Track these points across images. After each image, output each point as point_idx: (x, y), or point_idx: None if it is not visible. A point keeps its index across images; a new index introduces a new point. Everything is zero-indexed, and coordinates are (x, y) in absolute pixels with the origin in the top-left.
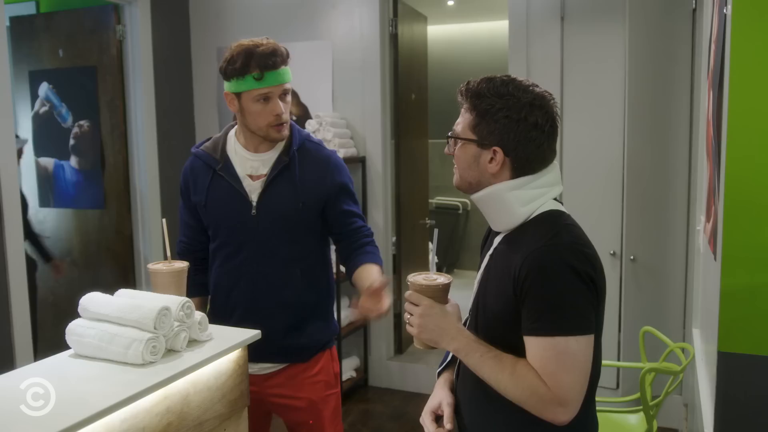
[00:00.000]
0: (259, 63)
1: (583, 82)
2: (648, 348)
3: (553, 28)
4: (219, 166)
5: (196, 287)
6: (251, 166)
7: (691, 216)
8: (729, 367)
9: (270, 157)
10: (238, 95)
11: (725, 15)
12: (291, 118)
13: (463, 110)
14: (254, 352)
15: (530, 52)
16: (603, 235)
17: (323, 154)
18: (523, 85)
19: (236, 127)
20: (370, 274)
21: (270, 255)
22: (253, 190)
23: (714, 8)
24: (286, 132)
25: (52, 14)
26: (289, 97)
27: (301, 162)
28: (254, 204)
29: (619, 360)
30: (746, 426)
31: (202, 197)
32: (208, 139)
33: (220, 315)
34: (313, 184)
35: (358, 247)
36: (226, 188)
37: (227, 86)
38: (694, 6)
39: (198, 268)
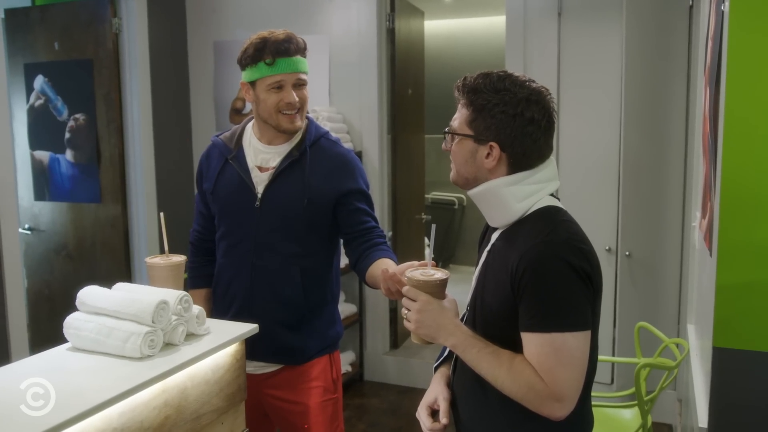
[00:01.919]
0: (271, 49)
1: (579, 78)
2: (643, 343)
3: (550, 23)
4: (231, 155)
5: (206, 278)
6: (262, 158)
7: (687, 212)
8: (723, 362)
9: (282, 150)
10: (252, 84)
11: (723, 12)
12: (307, 114)
13: (459, 106)
14: (249, 348)
15: (527, 48)
16: (598, 231)
17: (338, 152)
18: (519, 81)
19: (254, 119)
20: (389, 266)
21: (270, 249)
22: (260, 181)
23: (711, 5)
24: (298, 123)
25: (47, 6)
26: (305, 90)
27: (313, 158)
28: (259, 196)
29: (614, 355)
30: (740, 421)
31: (211, 184)
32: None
33: (219, 307)
34: (323, 183)
35: (371, 246)
36: (234, 177)
37: (243, 76)
38: (691, 2)
39: (209, 260)
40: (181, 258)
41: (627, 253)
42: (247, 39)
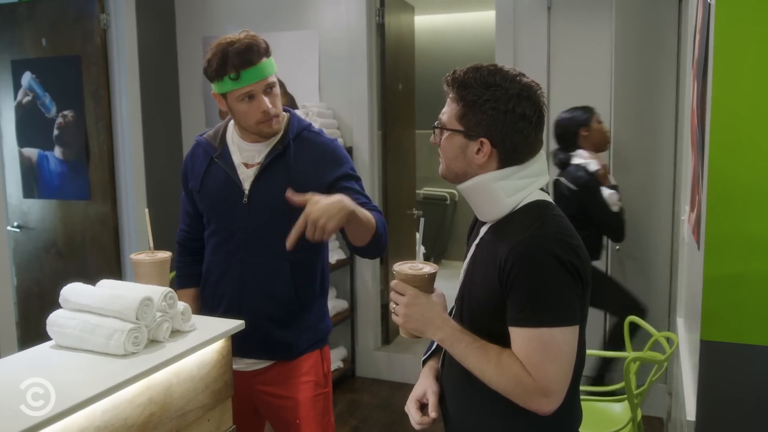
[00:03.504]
0: (234, 63)
1: (569, 72)
2: (633, 337)
3: (539, 18)
4: (216, 153)
5: (194, 278)
6: (247, 154)
7: (677, 206)
8: (711, 355)
9: (266, 145)
10: (223, 95)
11: (709, 4)
12: (289, 109)
13: (449, 100)
14: (240, 345)
15: (517, 43)
16: None
17: (321, 142)
18: (510, 75)
19: None
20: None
21: (259, 245)
22: (246, 178)
23: None
24: (277, 125)
25: (34, 3)
26: (276, 89)
27: (297, 151)
28: (246, 192)
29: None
30: (728, 414)
31: (197, 183)
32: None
33: (208, 305)
34: (308, 174)
35: None
36: (220, 175)
37: (213, 87)
38: None
39: (197, 259)
40: (166, 254)
41: (617, 247)
42: (208, 48)
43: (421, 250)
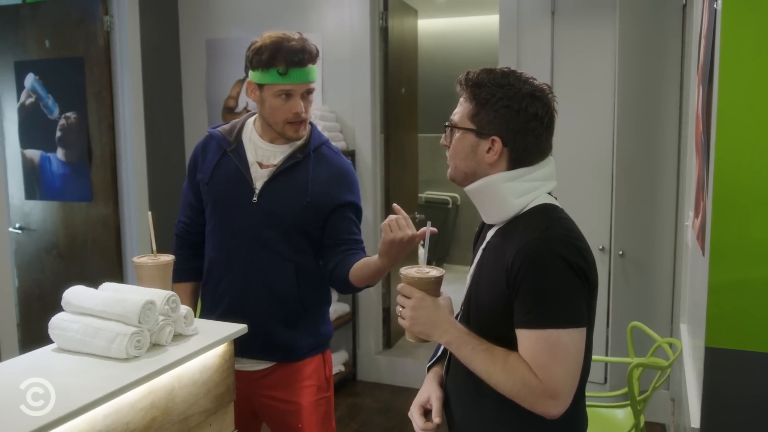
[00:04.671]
0: (286, 58)
1: (573, 77)
2: (636, 343)
3: (543, 22)
4: (230, 148)
5: (191, 272)
6: (263, 154)
7: (680, 211)
8: (716, 362)
9: (284, 149)
10: (260, 86)
11: (715, 10)
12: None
13: (461, 100)
14: (242, 345)
15: (521, 47)
16: (592, 231)
17: (341, 163)
18: (523, 77)
19: (256, 115)
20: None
21: (264, 246)
22: (259, 177)
23: (704, 3)
24: (302, 132)
25: (38, 4)
26: (312, 97)
27: (315, 164)
28: (257, 191)
29: (607, 355)
30: (732, 421)
31: (207, 175)
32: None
33: (208, 303)
34: (323, 188)
35: (353, 252)
36: (232, 170)
37: (251, 75)
38: (684, 1)
39: (195, 253)
40: (169, 257)
41: (620, 252)
42: (258, 38)
43: (425, 254)
